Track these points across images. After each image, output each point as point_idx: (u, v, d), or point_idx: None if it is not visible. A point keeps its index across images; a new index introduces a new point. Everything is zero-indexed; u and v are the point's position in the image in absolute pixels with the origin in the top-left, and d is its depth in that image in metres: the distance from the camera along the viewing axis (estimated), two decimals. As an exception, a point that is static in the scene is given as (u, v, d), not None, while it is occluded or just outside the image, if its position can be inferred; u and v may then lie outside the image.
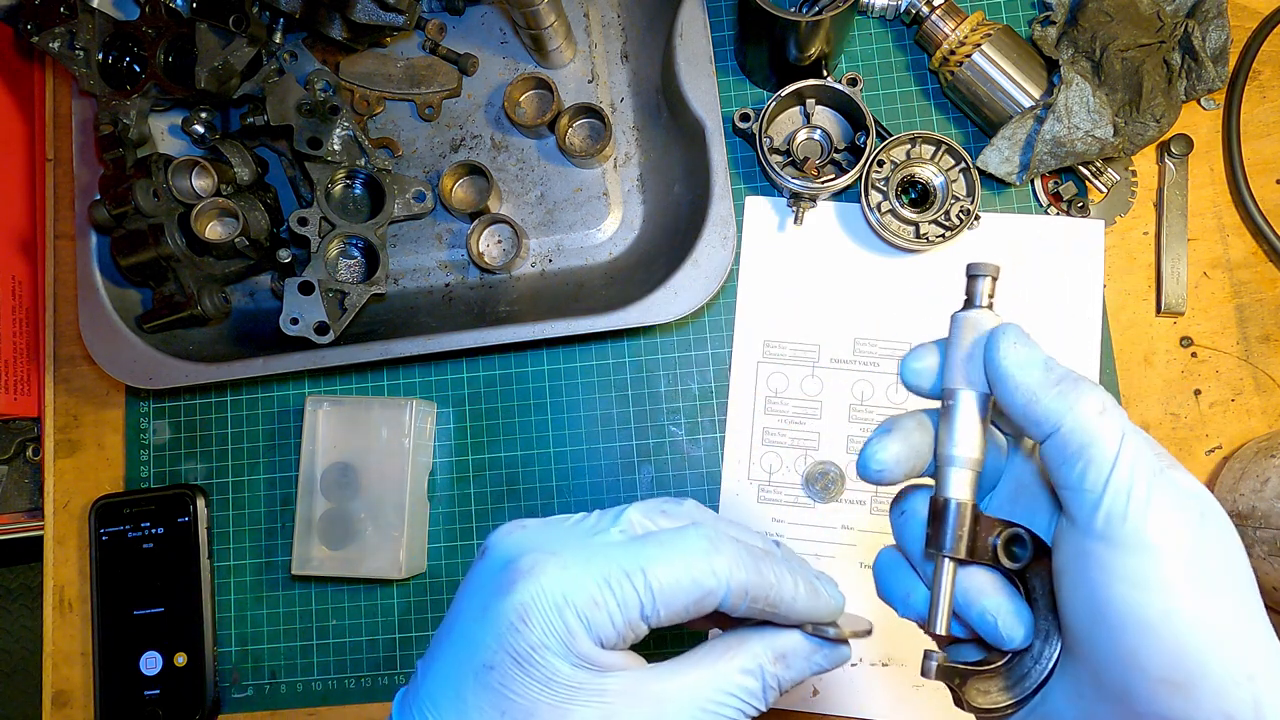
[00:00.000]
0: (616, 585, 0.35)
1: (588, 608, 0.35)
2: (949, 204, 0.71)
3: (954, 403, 0.39)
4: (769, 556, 0.38)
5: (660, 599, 0.35)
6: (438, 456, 0.76)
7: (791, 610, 0.38)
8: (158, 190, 0.70)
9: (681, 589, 0.35)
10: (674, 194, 0.75)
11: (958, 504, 0.38)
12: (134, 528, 0.75)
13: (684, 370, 0.76)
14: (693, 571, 0.36)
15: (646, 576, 0.35)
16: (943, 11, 0.72)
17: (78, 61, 0.71)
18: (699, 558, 0.36)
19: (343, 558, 0.71)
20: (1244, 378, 0.73)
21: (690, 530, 0.37)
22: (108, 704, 0.73)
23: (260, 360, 0.70)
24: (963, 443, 0.38)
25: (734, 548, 0.37)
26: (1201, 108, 0.75)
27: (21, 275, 0.81)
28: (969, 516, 0.38)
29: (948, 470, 0.39)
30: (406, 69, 0.78)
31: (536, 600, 0.34)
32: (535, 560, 0.35)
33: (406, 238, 0.78)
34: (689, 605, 0.36)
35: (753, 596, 0.37)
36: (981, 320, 0.38)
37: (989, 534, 0.39)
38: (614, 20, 0.79)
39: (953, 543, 0.38)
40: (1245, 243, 0.74)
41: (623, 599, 0.35)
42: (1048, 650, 0.38)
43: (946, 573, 0.38)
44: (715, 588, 0.36)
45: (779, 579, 0.37)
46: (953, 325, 0.39)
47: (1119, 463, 0.34)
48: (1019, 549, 0.39)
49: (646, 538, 0.37)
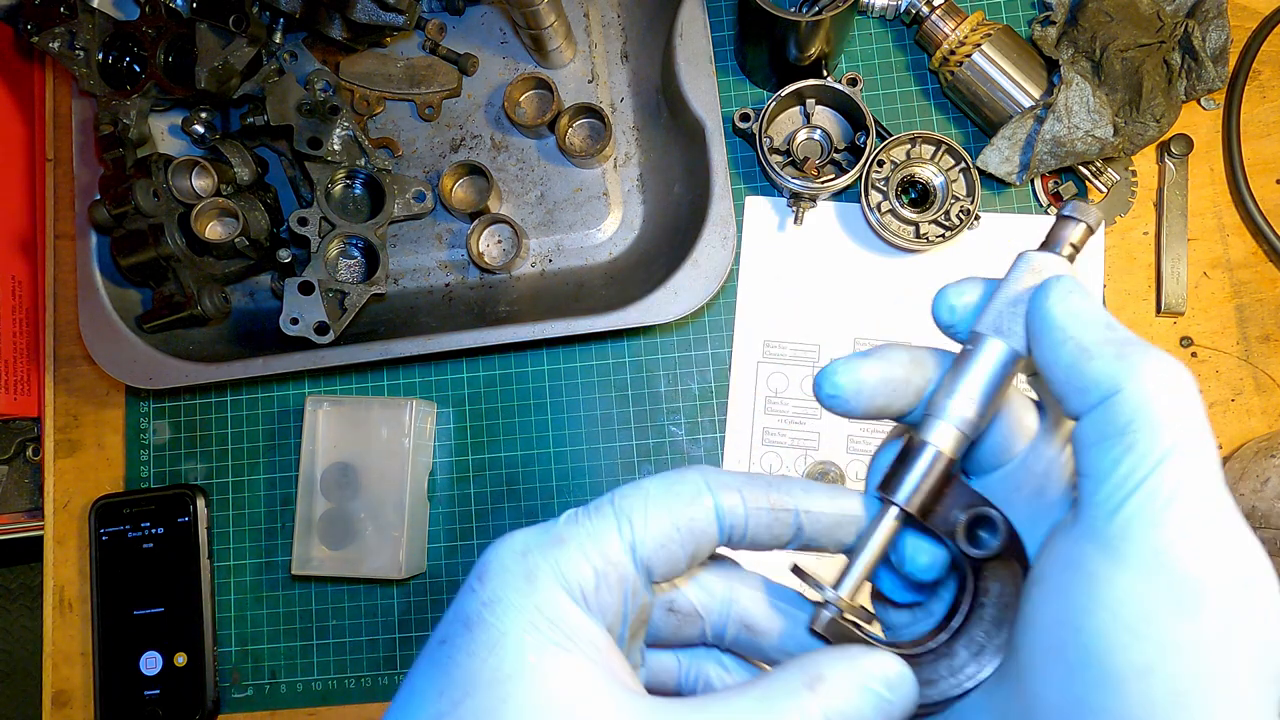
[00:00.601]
0: (584, 516, 0.30)
1: (552, 545, 0.29)
2: (949, 204, 0.71)
3: (975, 350, 0.32)
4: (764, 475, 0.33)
5: (637, 518, 0.30)
6: (438, 456, 0.76)
7: (810, 504, 0.32)
8: (158, 190, 0.70)
9: (659, 498, 0.30)
10: (674, 194, 0.75)
11: (936, 452, 0.32)
12: (134, 528, 0.75)
13: (684, 370, 0.76)
14: (669, 479, 0.31)
15: (616, 497, 0.30)
16: (943, 11, 0.72)
17: (78, 61, 0.71)
18: (676, 471, 0.31)
19: (343, 558, 0.71)
20: (1244, 378, 0.73)
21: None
22: (108, 704, 0.73)
23: (260, 360, 0.70)
24: (963, 398, 0.32)
25: (712, 467, 0.32)
26: (1201, 108, 0.75)
27: (21, 275, 0.81)
28: (941, 473, 0.32)
29: (935, 420, 0.32)
30: (406, 69, 0.78)
31: (497, 554, 0.29)
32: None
33: (406, 238, 0.78)
34: (678, 521, 0.30)
35: (751, 499, 0.31)
36: (1049, 266, 0.32)
37: (956, 504, 0.32)
38: (614, 20, 0.79)
39: (909, 494, 0.32)
40: (1245, 243, 0.74)
41: (593, 526, 0.29)
42: (972, 668, 0.32)
43: (885, 525, 0.32)
44: (699, 490, 0.30)
45: (776, 479, 0.32)
46: (1014, 264, 0.32)
47: (1175, 457, 0.26)
48: (987, 534, 0.32)
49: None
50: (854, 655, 0.30)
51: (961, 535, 0.32)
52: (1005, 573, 0.32)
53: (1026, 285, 0.31)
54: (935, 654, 0.33)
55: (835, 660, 0.29)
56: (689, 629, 0.34)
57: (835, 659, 0.29)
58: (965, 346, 0.33)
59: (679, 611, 0.34)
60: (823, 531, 0.32)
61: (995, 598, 0.32)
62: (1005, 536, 0.32)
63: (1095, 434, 0.28)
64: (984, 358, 0.32)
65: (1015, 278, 0.32)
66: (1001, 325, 0.32)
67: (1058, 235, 0.33)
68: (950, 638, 0.33)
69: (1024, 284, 0.32)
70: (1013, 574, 0.32)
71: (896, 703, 0.29)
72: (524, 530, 0.30)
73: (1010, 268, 0.33)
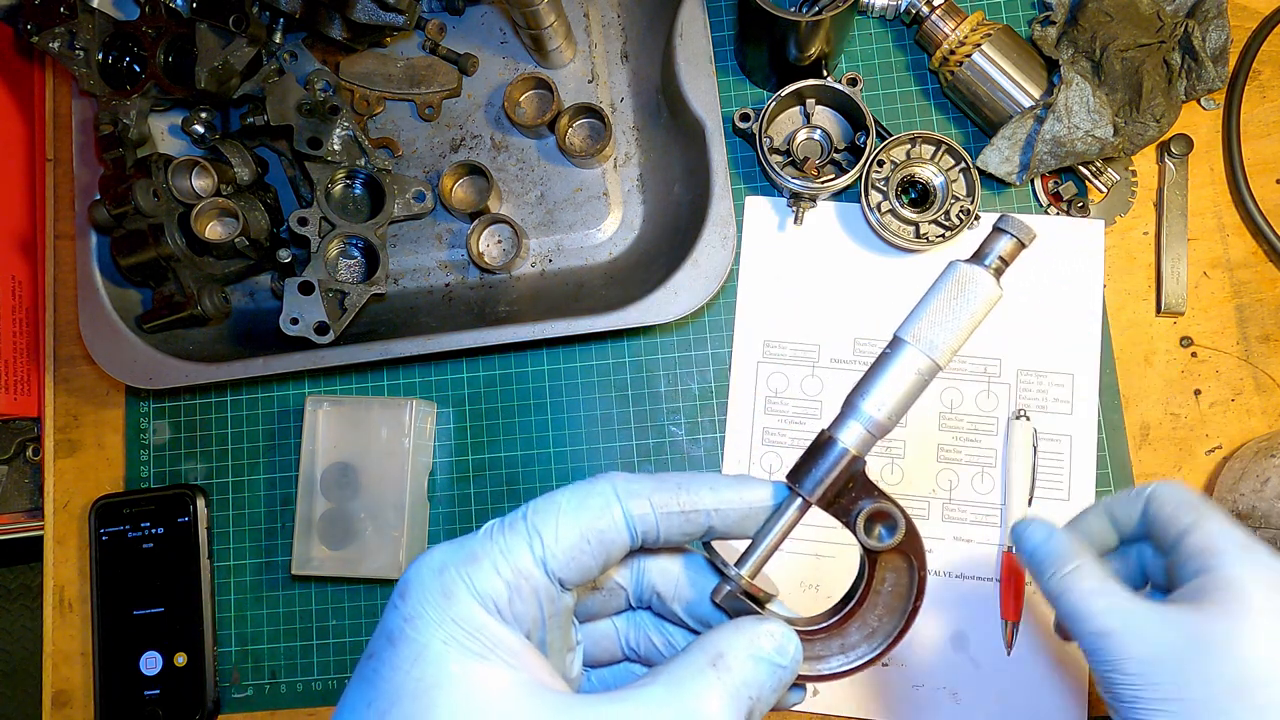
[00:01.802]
0: (499, 532, 0.32)
1: (466, 562, 0.31)
2: (949, 204, 0.71)
3: (893, 355, 0.34)
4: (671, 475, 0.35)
5: (548, 532, 0.32)
6: (438, 456, 0.76)
7: (717, 503, 0.35)
8: (158, 190, 0.70)
9: (570, 511, 0.32)
10: (674, 194, 0.75)
11: (843, 449, 0.34)
12: (134, 528, 0.75)
13: (684, 370, 0.76)
14: (580, 492, 0.33)
15: (529, 512, 0.32)
16: (943, 11, 0.72)
17: (78, 61, 0.71)
18: (588, 481, 0.34)
19: (343, 558, 0.71)
20: (1244, 378, 0.73)
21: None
22: (108, 704, 0.73)
23: (260, 360, 0.70)
24: (875, 401, 0.34)
25: (624, 474, 0.34)
26: (1201, 108, 0.75)
27: (22, 275, 0.81)
28: (845, 468, 0.34)
29: (850, 419, 0.34)
30: (406, 69, 0.78)
31: (417, 571, 0.31)
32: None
33: (406, 238, 0.78)
34: (588, 533, 0.32)
35: (660, 504, 0.33)
36: (974, 278, 0.33)
37: (860, 497, 0.35)
38: (614, 20, 0.79)
39: (814, 485, 0.34)
40: (1245, 243, 0.74)
41: (505, 542, 0.31)
42: (864, 649, 0.35)
43: (789, 513, 0.35)
44: (608, 501, 0.33)
45: (684, 479, 0.34)
46: (943, 272, 0.34)
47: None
48: (886, 529, 0.34)
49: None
50: (747, 627, 0.33)
51: (861, 528, 0.35)
52: (902, 565, 0.35)
53: (951, 295, 0.33)
54: (828, 632, 0.36)
55: (732, 635, 0.33)
56: (614, 601, 0.38)
57: (731, 634, 0.33)
58: (886, 349, 0.35)
59: (602, 588, 0.37)
60: (733, 524, 0.35)
61: (890, 587, 0.35)
62: (903, 533, 0.34)
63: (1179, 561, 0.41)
64: (901, 364, 0.34)
65: (942, 285, 0.34)
66: (921, 335, 0.33)
67: (989, 247, 0.34)
68: (844, 618, 0.36)
69: (948, 293, 0.33)
70: (909, 567, 0.35)
71: (788, 666, 0.33)
72: (442, 546, 0.32)
73: (940, 274, 0.34)
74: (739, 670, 0.32)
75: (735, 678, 0.32)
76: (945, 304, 0.33)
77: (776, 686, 0.33)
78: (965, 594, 0.71)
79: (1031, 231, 0.33)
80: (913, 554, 0.35)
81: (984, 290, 0.33)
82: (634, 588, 0.37)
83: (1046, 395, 0.72)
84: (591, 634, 0.38)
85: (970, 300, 0.33)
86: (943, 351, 0.33)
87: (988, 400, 0.73)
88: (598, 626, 0.39)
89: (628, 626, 0.39)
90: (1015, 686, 0.69)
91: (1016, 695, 0.69)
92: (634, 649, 0.39)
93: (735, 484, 0.35)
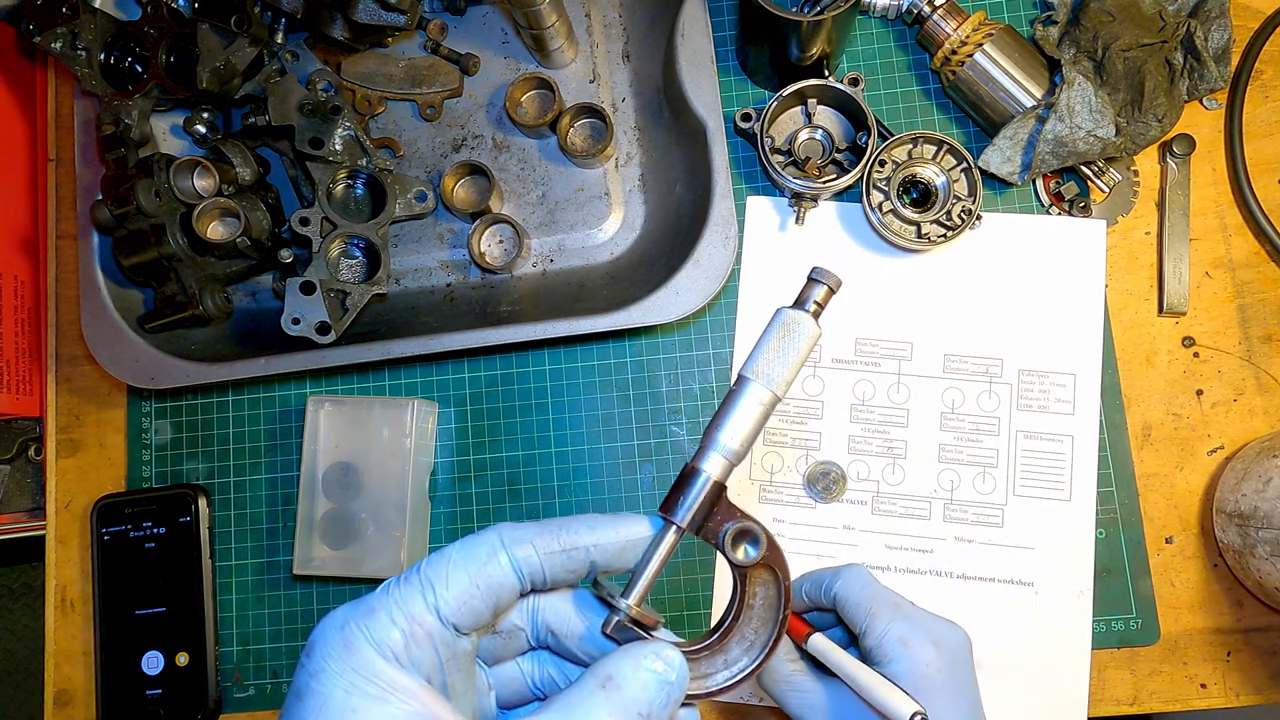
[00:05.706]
0: (395, 586, 0.34)
1: (365, 615, 0.33)
2: (950, 204, 0.71)
3: (740, 391, 0.39)
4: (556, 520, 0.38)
5: (439, 582, 0.34)
6: (439, 456, 0.76)
7: (596, 539, 0.37)
8: (159, 190, 0.70)
9: (459, 562, 0.35)
10: (675, 194, 0.75)
11: (707, 477, 0.38)
12: (136, 527, 0.75)
13: (685, 370, 0.76)
14: (469, 543, 0.36)
15: (423, 565, 0.35)
16: (944, 11, 0.72)
17: (80, 62, 0.71)
18: (476, 535, 0.36)
19: (344, 558, 0.71)
20: (1246, 378, 0.73)
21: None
22: (109, 703, 0.73)
23: (262, 360, 0.70)
24: (730, 433, 0.38)
25: (510, 523, 0.37)
26: (1204, 107, 0.75)
27: (23, 275, 0.81)
28: (709, 494, 0.38)
29: (710, 451, 0.38)
30: (408, 69, 0.78)
31: (322, 630, 0.34)
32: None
33: (408, 238, 0.78)
34: (477, 580, 0.35)
35: (542, 547, 0.36)
36: (800, 321, 0.39)
37: (726, 520, 0.38)
38: (615, 20, 0.79)
39: (684, 513, 0.38)
40: (1247, 242, 0.74)
41: (400, 594, 0.34)
42: (744, 661, 0.38)
43: (667, 541, 0.38)
44: (494, 549, 0.36)
45: (565, 521, 0.37)
46: (773, 317, 0.40)
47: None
48: (750, 546, 0.38)
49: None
50: (635, 650, 0.36)
51: (728, 547, 0.38)
52: (769, 578, 0.38)
53: (781, 336, 0.39)
54: (711, 649, 0.38)
55: (621, 658, 0.35)
56: (515, 643, 0.40)
57: (621, 657, 0.36)
58: (734, 387, 0.39)
59: (501, 631, 0.40)
60: (613, 558, 0.38)
61: (761, 600, 0.38)
62: (765, 549, 0.38)
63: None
64: (747, 399, 0.38)
65: (773, 329, 0.39)
66: (760, 371, 0.38)
67: (806, 294, 0.40)
68: (723, 635, 0.39)
69: (779, 335, 0.39)
70: (775, 580, 0.38)
71: (675, 681, 0.36)
72: (344, 606, 0.34)
73: (770, 320, 0.40)
74: (628, 689, 0.34)
75: (625, 695, 0.34)
76: (778, 344, 0.38)
77: (666, 703, 0.35)
78: (965, 594, 0.71)
79: (838, 279, 0.39)
80: (776, 566, 0.38)
81: (807, 330, 0.39)
82: (531, 628, 0.40)
83: (1048, 395, 0.72)
84: (500, 676, 0.41)
85: (797, 339, 0.39)
86: (779, 383, 0.39)
87: (989, 400, 0.72)
88: (505, 669, 0.41)
89: (532, 666, 0.42)
90: (1015, 687, 0.69)
91: (1017, 696, 0.69)
92: (540, 688, 0.42)
93: (611, 521, 0.38)
